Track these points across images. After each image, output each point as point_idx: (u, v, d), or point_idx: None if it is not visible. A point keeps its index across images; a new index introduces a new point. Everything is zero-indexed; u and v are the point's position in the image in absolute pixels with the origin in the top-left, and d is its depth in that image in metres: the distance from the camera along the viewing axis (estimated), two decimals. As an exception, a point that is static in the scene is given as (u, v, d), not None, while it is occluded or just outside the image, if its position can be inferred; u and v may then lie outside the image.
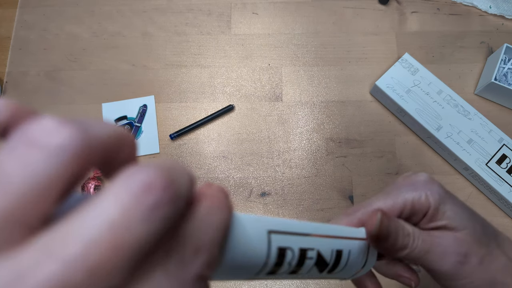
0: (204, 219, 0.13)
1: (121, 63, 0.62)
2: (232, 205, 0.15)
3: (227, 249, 0.15)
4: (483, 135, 0.54)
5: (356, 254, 0.22)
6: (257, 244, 0.16)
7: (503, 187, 0.52)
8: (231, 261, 0.15)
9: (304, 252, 0.18)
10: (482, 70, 0.60)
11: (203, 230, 0.13)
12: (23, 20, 0.65)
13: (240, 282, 0.53)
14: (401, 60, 0.58)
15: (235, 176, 0.57)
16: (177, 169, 0.12)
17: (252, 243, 0.16)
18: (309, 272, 0.19)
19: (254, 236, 0.16)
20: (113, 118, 0.59)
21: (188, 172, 0.13)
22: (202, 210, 0.13)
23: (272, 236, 0.17)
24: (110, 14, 0.65)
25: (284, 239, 0.17)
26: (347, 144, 0.58)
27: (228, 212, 0.14)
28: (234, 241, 0.15)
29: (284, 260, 0.17)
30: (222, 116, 0.60)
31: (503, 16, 0.63)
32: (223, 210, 0.14)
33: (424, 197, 0.24)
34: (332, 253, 0.20)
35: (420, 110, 0.55)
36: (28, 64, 0.62)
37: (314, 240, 0.19)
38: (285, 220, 0.18)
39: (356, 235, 0.22)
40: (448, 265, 0.23)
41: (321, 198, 0.56)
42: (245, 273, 0.16)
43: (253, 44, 0.63)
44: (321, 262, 0.19)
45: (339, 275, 0.22)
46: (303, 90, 0.61)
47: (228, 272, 0.15)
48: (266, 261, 0.16)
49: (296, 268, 0.18)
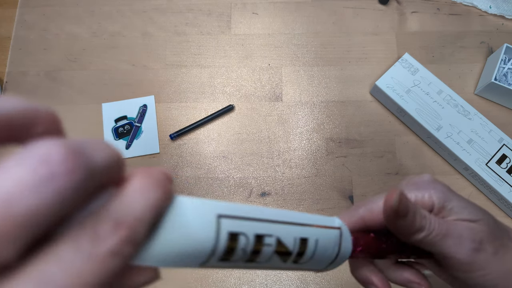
0: (131, 195, 0.13)
1: (121, 63, 0.62)
2: (171, 188, 0.15)
3: (162, 231, 0.14)
4: (483, 135, 0.54)
5: (326, 243, 0.20)
6: (202, 228, 0.15)
7: (503, 187, 0.52)
8: (168, 244, 0.15)
9: (261, 238, 0.17)
10: (482, 70, 0.60)
11: (128, 207, 0.13)
12: (23, 20, 0.65)
13: (241, 282, 0.53)
14: (401, 60, 0.58)
15: (235, 176, 0.57)
16: (93, 144, 0.12)
17: (196, 227, 0.15)
18: (270, 261, 0.18)
19: (199, 220, 0.15)
20: (113, 118, 0.59)
21: (109, 149, 0.13)
22: (132, 187, 0.13)
23: (222, 221, 0.16)
24: (110, 14, 0.65)
25: (237, 224, 0.16)
26: (347, 144, 0.58)
27: (163, 192, 0.14)
28: (171, 223, 0.15)
29: (236, 246, 0.16)
30: (222, 116, 0.60)
31: (503, 16, 0.63)
32: (156, 190, 0.14)
33: (428, 195, 0.24)
34: (295, 241, 0.19)
35: (420, 110, 0.55)
36: (28, 64, 0.62)
37: (272, 226, 0.18)
38: (239, 205, 0.17)
39: (325, 223, 0.21)
40: (464, 251, 0.22)
41: (321, 198, 0.56)
42: (193, 259, 0.16)
43: (253, 44, 0.63)
44: (283, 251, 0.18)
45: (309, 266, 0.20)
46: (303, 90, 0.61)
47: (169, 256, 0.15)
48: (215, 246, 0.16)
49: (253, 256, 0.17)
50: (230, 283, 0.53)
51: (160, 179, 0.14)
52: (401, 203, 0.21)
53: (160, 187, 0.14)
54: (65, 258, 0.11)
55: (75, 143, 0.11)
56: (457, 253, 0.22)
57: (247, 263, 0.17)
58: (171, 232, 0.15)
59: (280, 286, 0.53)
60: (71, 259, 0.11)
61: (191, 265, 0.16)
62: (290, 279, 0.53)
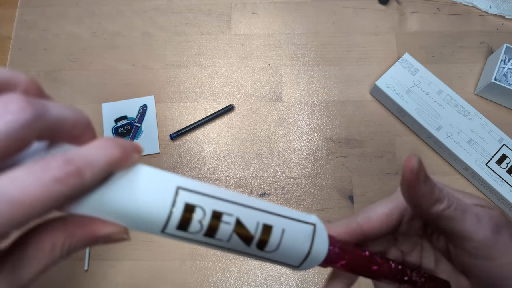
0: (89, 147, 0.16)
1: (121, 63, 0.62)
2: (132, 154, 0.17)
3: (117, 186, 0.17)
4: (483, 135, 0.54)
5: (294, 236, 0.20)
6: (159, 194, 0.17)
7: (503, 187, 0.52)
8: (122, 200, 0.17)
9: (219, 214, 0.18)
10: (482, 70, 0.60)
11: (82, 152, 0.15)
12: (23, 20, 0.65)
13: (241, 282, 0.53)
14: (401, 60, 0.58)
15: (235, 176, 0.57)
16: (54, 103, 0.15)
17: (152, 192, 0.17)
18: (231, 242, 0.19)
19: (156, 186, 0.17)
20: (113, 118, 0.59)
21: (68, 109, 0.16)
22: (93, 143, 0.16)
23: (180, 191, 0.17)
24: (110, 14, 0.65)
25: (195, 197, 0.18)
26: (347, 144, 0.58)
27: (121, 152, 0.16)
28: (128, 182, 0.17)
29: (192, 217, 0.17)
30: (222, 116, 0.60)
31: (503, 16, 0.63)
32: (114, 148, 0.16)
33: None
34: (257, 225, 0.19)
35: (420, 110, 0.55)
36: (28, 64, 0.62)
37: (234, 206, 0.19)
38: (204, 183, 0.18)
39: (295, 216, 0.21)
40: (484, 231, 0.21)
41: (321, 198, 0.56)
42: (150, 223, 0.17)
43: (253, 44, 0.63)
44: (244, 233, 0.19)
45: (279, 258, 0.20)
46: (303, 90, 0.61)
47: (124, 212, 0.17)
48: (171, 212, 0.17)
49: (210, 231, 0.18)
50: (230, 283, 0.53)
51: (123, 144, 0.17)
52: (421, 166, 0.20)
53: (119, 148, 0.16)
54: (18, 177, 0.13)
55: (36, 99, 0.15)
56: (478, 231, 0.21)
57: (207, 239, 0.18)
58: (126, 189, 0.17)
59: (280, 286, 0.53)
60: (22, 178, 0.13)
61: (151, 229, 0.18)
62: (290, 279, 0.53)
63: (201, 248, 0.54)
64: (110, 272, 0.53)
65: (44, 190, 0.14)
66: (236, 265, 0.54)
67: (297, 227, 0.20)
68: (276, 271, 0.53)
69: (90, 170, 0.15)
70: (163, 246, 0.54)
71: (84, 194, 0.16)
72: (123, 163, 0.17)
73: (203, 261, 0.54)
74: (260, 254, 0.20)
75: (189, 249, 0.54)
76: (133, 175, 0.17)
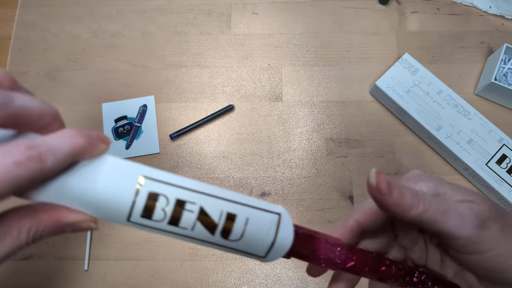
0: (54, 135, 0.17)
1: (121, 63, 0.62)
2: (98, 144, 0.18)
3: (81, 174, 0.17)
4: (483, 135, 0.54)
5: (258, 225, 0.20)
6: (123, 183, 0.18)
7: (503, 187, 0.52)
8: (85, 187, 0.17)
9: (182, 203, 0.19)
10: (482, 70, 0.60)
11: (45, 139, 0.16)
12: (23, 20, 0.65)
13: (241, 282, 0.53)
14: (401, 60, 0.58)
15: (235, 176, 0.57)
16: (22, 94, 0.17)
17: (117, 181, 0.18)
18: (195, 230, 0.19)
19: (121, 176, 0.18)
20: (113, 118, 0.59)
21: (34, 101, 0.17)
22: (58, 132, 0.17)
23: (144, 180, 0.18)
24: (110, 14, 0.65)
25: (158, 186, 0.18)
26: (347, 144, 0.58)
27: (86, 142, 0.17)
28: (92, 170, 0.18)
29: (155, 205, 0.18)
30: (222, 116, 0.60)
31: (503, 16, 0.63)
32: (79, 138, 0.17)
33: (418, 187, 0.23)
34: (221, 214, 0.19)
35: (420, 110, 0.55)
36: (28, 64, 0.62)
37: (197, 195, 0.19)
38: (169, 173, 0.19)
39: (261, 205, 0.21)
40: (469, 228, 0.21)
41: (321, 198, 0.56)
42: (114, 211, 0.18)
43: (253, 44, 0.63)
44: (208, 221, 0.19)
45: (244, 248, 0.20)
46: (303, 90, 0.61)
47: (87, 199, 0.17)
48: (134, 201, 0.18)
49: (174, 219, 0.18)
50: (230, 283, 0.53)
51: (88, 134, 0.17)
52: (380, 179, 0.21)
53: (84, 137, 0.17)
54: None
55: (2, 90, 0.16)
56: (461, 230, 0.21)
57: (172, 227, 0.19)
58: (89, 177, 0.17)
59: (280, 286, 0.53)
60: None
61: (117, 218, 0.18)
62: (290, 279, 0.53)
63: (201, 248, 0.54)
64: (110, 272, 0.53)
65: (4, 172, 0.14)
66: (236, 265, 0.54)
67: (262, 216, 0.21)
68: (276, 271, 0.53)
69: (52, 156, 0.16)
70: (163, 246, 0.54)
71: (47, 181, 0.17)
72: (88, 152, 0.17)
73: (203, 261, 0.54)
74: (225, 243, 0.20)
75: (189, 249, 0.54)
76: (98, 164, 0.18)
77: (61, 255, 0.54)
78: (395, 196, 0.21)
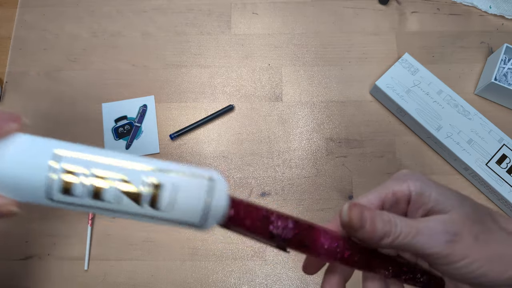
0: None
1: (121, 63, 0.62)
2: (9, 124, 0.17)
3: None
4: (483, 135, 0.54)
5: (188, 191, 0.20)
6: (35, 160, 0.17)
7: (503, 187, 0.52)
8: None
9: (101, 175, 0.18)
10: (482, 70, 0.60)
11: None
12: (23, 20, 0.65)
13: (241, 282, 0.53)
14: (401, 60, 0.58)
15: (235, 176, 0.57)
16: None
17: (29, 158, 0.17)
18: (122, 203, 0.19)
19: (33, 153, 0.18)
20: (113, 118, 0.59)
21: None
22: None
23: (58, 156, 0.18)
24: (110, 14, 0.65)
25: (74, 160, 0.18)
26: (347, 144, 0.58)
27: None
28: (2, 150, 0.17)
29: (73, 180, 0.18)
30: (222, 116, 0.60)
31: (503, 16, 0.63)
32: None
33: (405, 185, 0.24)
34: (144, 183, 0.19)
35: (420, 110, 0.55)
36: (28, 64, 0.62)
37: (116, 166, 0.19)
38: (87, 146, 0.19)
39: (190, 171, 0.20)
40: (439, 245, 0.22)
41: (321, 198, 0.56)
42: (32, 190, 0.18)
43: (253, 44, 0.63)
44: (132, 191, 0.19)
45: (177, 216, 0.20)
46: (303, 90, 0.61)
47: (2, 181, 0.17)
48: (49, 177, 0.17)
49: (96, 193, 0.18)
50: (230, 283, 0.53)
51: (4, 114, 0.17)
52: (353, 215, 0.22)
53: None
54: None
55: None
56: (431, 248, 0.22)
57: (98, 202, 0.18)
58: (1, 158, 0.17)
59: (280, 286, 0.53)
60: None
61: (36, 197, 0.18)
62: (290, 279, 0.53)
63: (201, 248, 0.54)
64: (110, 272, 0.53)
65: None
66: (236, 265, 0.54)
67: (191, 182, 0.20)
68: (276, 271, 0.53)
69: None
70: (163, 246, 0.54)
71: None
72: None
73: (203, 261, 0.54)
74: (157, 214, 0.19)
75: (189, 249, 0.54)
76: (8, 143, 0.17)
77: (61, 255, 0.54)
78: (367, 230, 0.22)
